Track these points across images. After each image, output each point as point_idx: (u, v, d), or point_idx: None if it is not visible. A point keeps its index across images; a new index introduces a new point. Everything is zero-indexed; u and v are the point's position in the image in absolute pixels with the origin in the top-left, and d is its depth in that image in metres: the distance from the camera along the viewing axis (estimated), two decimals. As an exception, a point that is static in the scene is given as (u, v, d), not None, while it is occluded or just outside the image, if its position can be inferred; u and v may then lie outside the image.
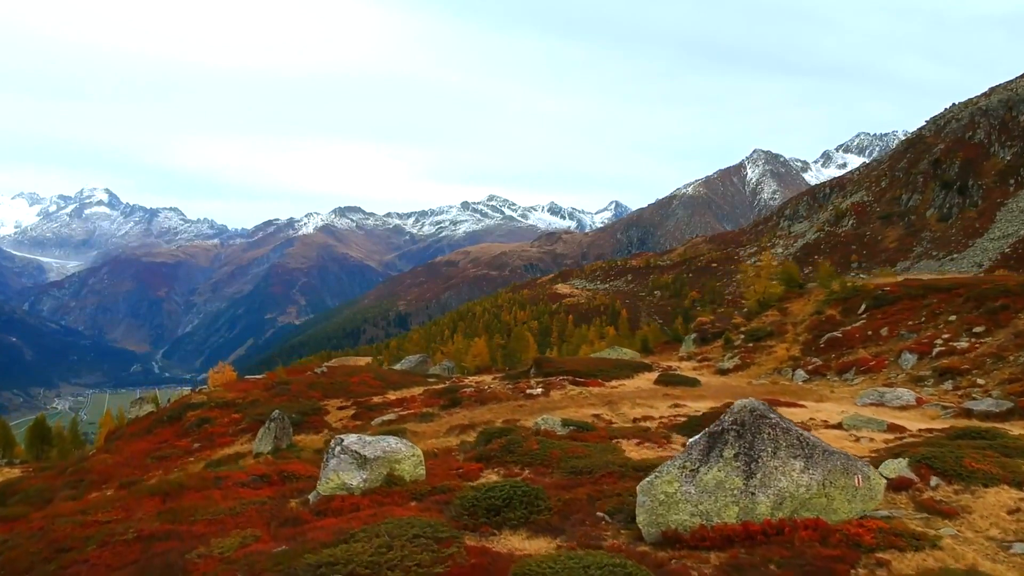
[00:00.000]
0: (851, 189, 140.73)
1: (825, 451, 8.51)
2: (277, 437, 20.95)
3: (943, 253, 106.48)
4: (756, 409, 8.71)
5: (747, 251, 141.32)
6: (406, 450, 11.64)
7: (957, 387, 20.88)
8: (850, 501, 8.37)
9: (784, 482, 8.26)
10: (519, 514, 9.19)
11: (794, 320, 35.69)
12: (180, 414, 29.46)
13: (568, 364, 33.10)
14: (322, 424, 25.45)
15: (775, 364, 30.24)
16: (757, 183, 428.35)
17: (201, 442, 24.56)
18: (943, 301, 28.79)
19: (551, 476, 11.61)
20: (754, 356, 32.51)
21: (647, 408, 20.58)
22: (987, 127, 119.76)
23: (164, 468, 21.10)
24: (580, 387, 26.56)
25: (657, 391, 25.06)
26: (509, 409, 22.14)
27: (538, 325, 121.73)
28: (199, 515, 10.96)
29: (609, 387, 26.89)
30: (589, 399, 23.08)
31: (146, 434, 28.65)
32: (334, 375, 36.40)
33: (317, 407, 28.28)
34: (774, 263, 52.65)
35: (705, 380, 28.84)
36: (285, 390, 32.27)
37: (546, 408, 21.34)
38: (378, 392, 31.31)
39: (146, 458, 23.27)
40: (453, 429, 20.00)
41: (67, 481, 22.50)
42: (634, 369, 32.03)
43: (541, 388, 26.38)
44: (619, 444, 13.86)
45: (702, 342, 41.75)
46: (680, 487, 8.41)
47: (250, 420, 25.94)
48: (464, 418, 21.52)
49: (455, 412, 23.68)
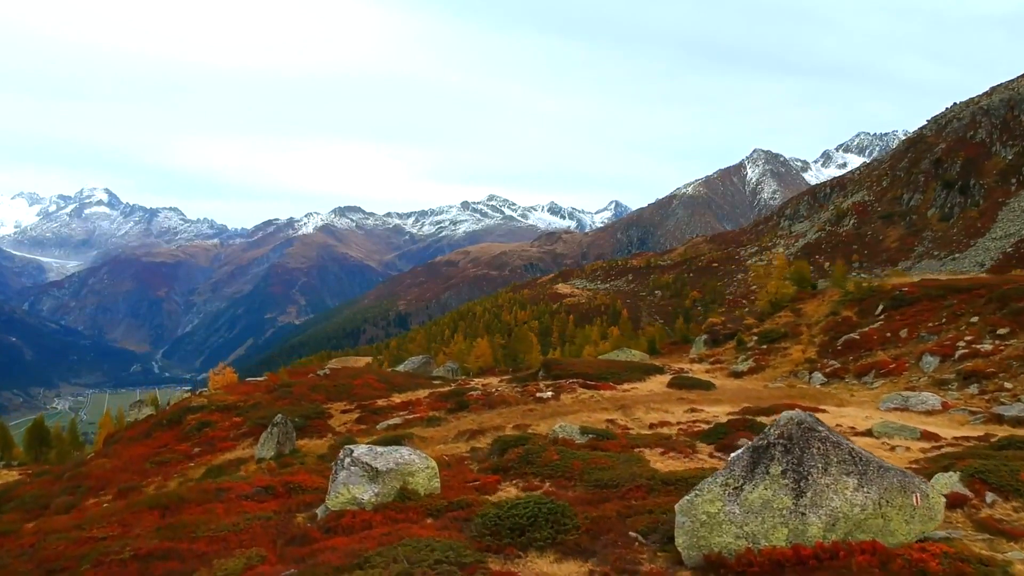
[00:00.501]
0: (852, 189, 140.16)
1: (880, 467, 7.85)
2: (280, 442, 20.45)
3: (944, 253, 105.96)
4: (804, 421, 8.05)
5: (748, 251, 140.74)
6: (420, 462, 10.98)
7: (983, 391, 20.22)
8: (908, 522, 7.71)
9: (837, 501, 7.60)
10: (545, 534, 8.53)
11: (808, 321, 34.97)
12: (180, 417, 28.87)
13: (578, 366, 32.42)
14: (326, 428, 24.86)
15: (790, 367, 29.55)
16: (757, 183, 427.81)
17: (202, 446, 24.02)
18: (964, 302, 28.08)
19: (574, 489, 10.95)
20: (768, 358, 31.77)
21: (662, 413, 19.94)
22: (988, 126, 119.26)
23: (164, 474, 20.50)
24: (591, 390, 25.88)
25: (671, 395, 24.41)
26: (519, 413, 21.54)
27: (539, 325, 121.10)
28: (200, 531, 10.29)
29: (621, 390, 26.22)
30: (601, 403, 22.43)
31: (145, 438, 28.05)
32: (337, 377, 35.82)
33: (320, 410, 27.71)
34: (784, 263, 52.07)
35: (719, 383, 28.16)
36: (287, 393, 31.76)
37: (557, 413, 20.69)
38: (382, 395, 30.71)
39: (145, 463, 22.71)
40: (462, 434, 19.37)
41: (64, 487, 21.89)
42: (645, 372, 31.36)
43: (551, 391, 25.75)
44: (642, 454, 13.18)
45: (713, 344, 41.00)
46: (723, 507, 7.76)
47: (252, 424, 25.40)
48: (472, 423, 20.89)
49: (463, 416, 23.05)
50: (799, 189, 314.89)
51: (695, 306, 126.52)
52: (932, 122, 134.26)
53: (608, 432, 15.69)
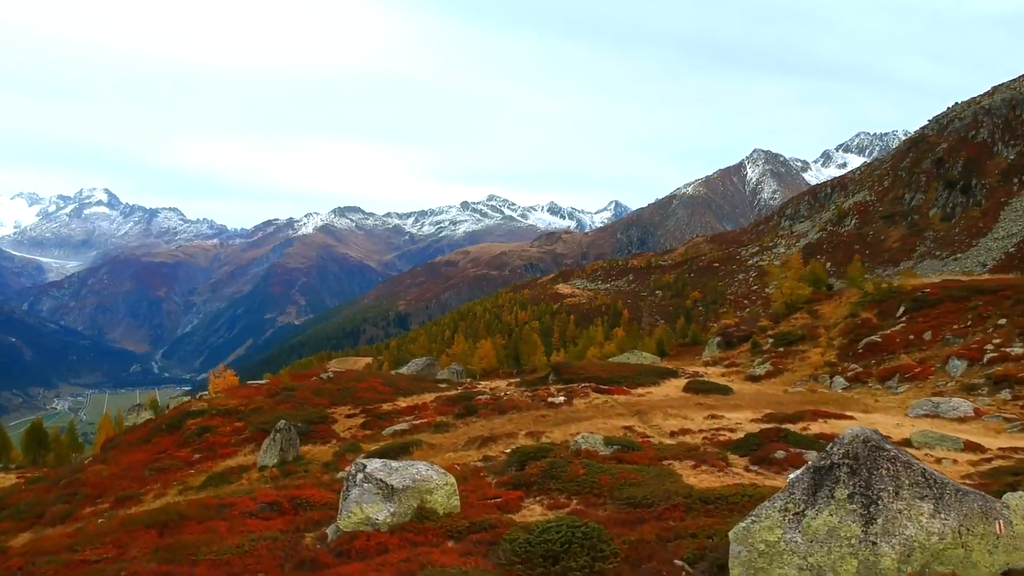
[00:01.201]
0: (853, 188, 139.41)
1: (957, 491, 7.09)
2: (283, 449, 19.77)
3: (947, 253, 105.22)
4: (870, 440, 7.28)
5: (749, 251, 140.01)
6: (438, 478, 10.18)
7: (1016, 397, 19.47)
8: (991, 552, 6.95)
9: (911, 529, 6.84)
10: (582, 562, 7.75)
11: (826, 323, 34.03)
12: (180, 422, 28.05)
13: (589, 369, 31.57)
14: (330, 434, 24.16)
15: (810, 370, 28.71)
16: (757, 183, 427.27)
17: (202, 452, 23.30)
18: (990, 303, 27.29)
19: (604, 508, 10.17)
20: (786, 362, 30.91)
21: (682, 419, 19.21)
22: (990, 126, 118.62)
23: (163, 481, 19.75)
24: (605, 395, 25.02)
25: (688, 400, 23.56)
26: (531, 419, 20.74)
27: (539, 325, 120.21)
28: (201, 553, 9.51)
29: (636, 395, 25.36)
30: (616, 409, 21.64)
31: (144, 443, 27.25)
32: (341, 381, 34.92)
33: (324, 415, 27.02)
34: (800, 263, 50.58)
35: (737, 387, 27.28)
36: (290, 397, 30.96)
37: (571, 419, 19.94)
38: (387, 399, 29.95)
39: (144, 469, 21.97)
40: (472, 441, 18.62)
41: (60, 494, 21.14)
42: (659, 375, 30.43)
43: (563, 396, 24.92)
44: (672, 467, 12.40)
45: (727, 346, 40.05)
46: (784, 534, 6.99)
47: (253, 429, 24.69)
48: (483, 429, 20.14)
49: (472, 422, 22.32)
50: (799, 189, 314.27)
51: (696, 306, 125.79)
52: (934, 122, 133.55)
53: (633, 443, 14.79)
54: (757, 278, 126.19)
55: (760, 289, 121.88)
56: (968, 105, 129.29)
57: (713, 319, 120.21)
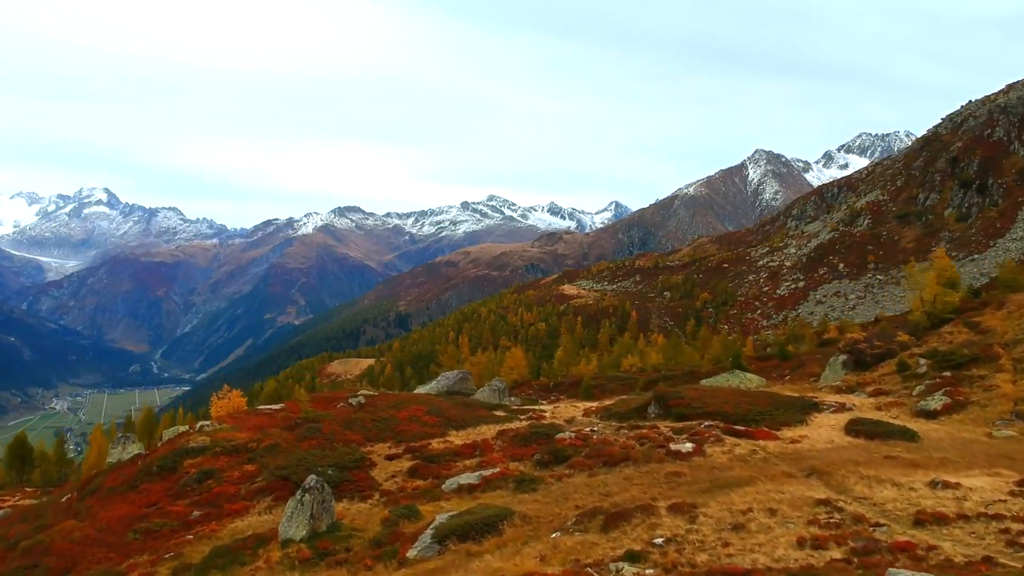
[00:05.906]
0: (864, 188, 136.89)
1: None
2: (314, 515, 15.94)
3: (963, 254, 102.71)
4: None
5: (759, 251, 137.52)
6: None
7: None
8: None
9: None
10: None
11: (1001, 340, 27.90)
12: (175, 463, 23.12)
13: (703, 400, 25.66)
14: (369, 484, 19.68)
15: (1007, 404, 22.82)
16: (759, 183, 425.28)
17: (203, 507, 19.20)
18: None
19: None
20: (965, 391, 24.77)
21: (895, 488, 13.54)
22: (1006, 124, 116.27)
23: (151, 550, 16.50)
24: (744, 439, 19.78)
25: (865, 449, 18.06)
26: (659, 479, 15.79)
27: (546, 327, 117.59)
28: None
29: (787, 440, 20.00)
30: (773, 463, 16.37)
31: (130, 490, 22.38)
32: (376, 408, 29.16)
33: (359, 456, 22.29)
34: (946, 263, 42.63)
35: (916, 428, 21.39)
36: (314, 431, 25.54)
37: (720, 483, 14.73)
38: (436, 432, 24.84)
39: (127, 531, 18.16)
40: (586, 516, 13.48)
41: (17, 567, 17.24)
42: (800, 410, 24.78)
43: (689, 442, 19.60)
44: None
45: (857, 366, 33.17)
46: None
47: (269, 476, 20.19)
48: (590, 492, 15.32)
49: (564, 475, 17.50)
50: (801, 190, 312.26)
51: (706, 308, 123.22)
52: (947, 120, 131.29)
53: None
54: (768, 279, 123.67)
55: (771, 290, 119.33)
56: (983, 103, 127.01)
57: (723, 321, 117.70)
